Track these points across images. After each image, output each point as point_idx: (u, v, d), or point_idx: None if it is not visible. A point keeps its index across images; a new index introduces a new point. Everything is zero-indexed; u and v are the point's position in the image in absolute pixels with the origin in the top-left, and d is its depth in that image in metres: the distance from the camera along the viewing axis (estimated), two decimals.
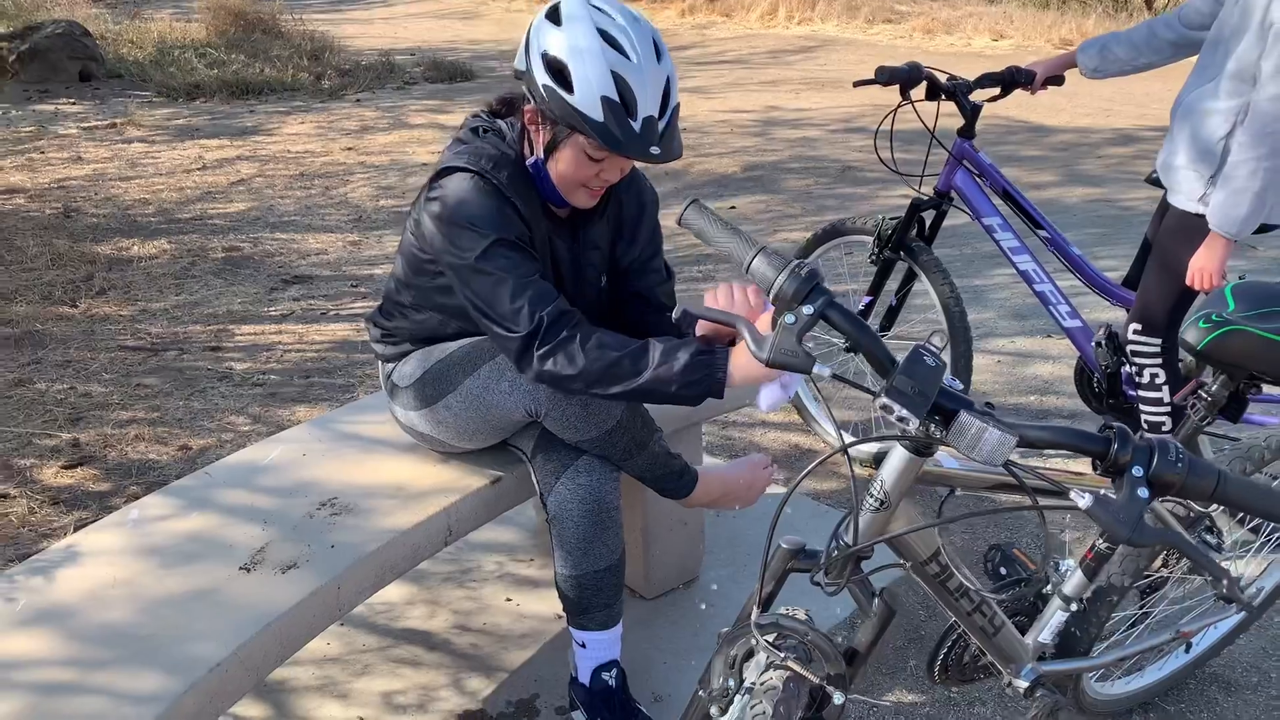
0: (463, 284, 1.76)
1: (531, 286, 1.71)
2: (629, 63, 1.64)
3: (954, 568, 1.39)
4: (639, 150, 1.67)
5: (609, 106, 1.64)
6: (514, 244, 1.74)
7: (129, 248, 5.10)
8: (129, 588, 1.67)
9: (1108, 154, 6.72)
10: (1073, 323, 2.63)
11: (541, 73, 1.68)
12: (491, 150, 1.78)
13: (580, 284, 1.94)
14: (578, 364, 1.67)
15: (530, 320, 1.69)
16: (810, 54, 10.92)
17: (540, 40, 1.68)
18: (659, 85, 1.67)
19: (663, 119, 1.69)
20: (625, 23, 1.67)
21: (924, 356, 1.09)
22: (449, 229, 1.74)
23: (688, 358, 1.63)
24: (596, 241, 1.94)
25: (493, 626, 2.33)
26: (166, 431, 3.37)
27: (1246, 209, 2.16)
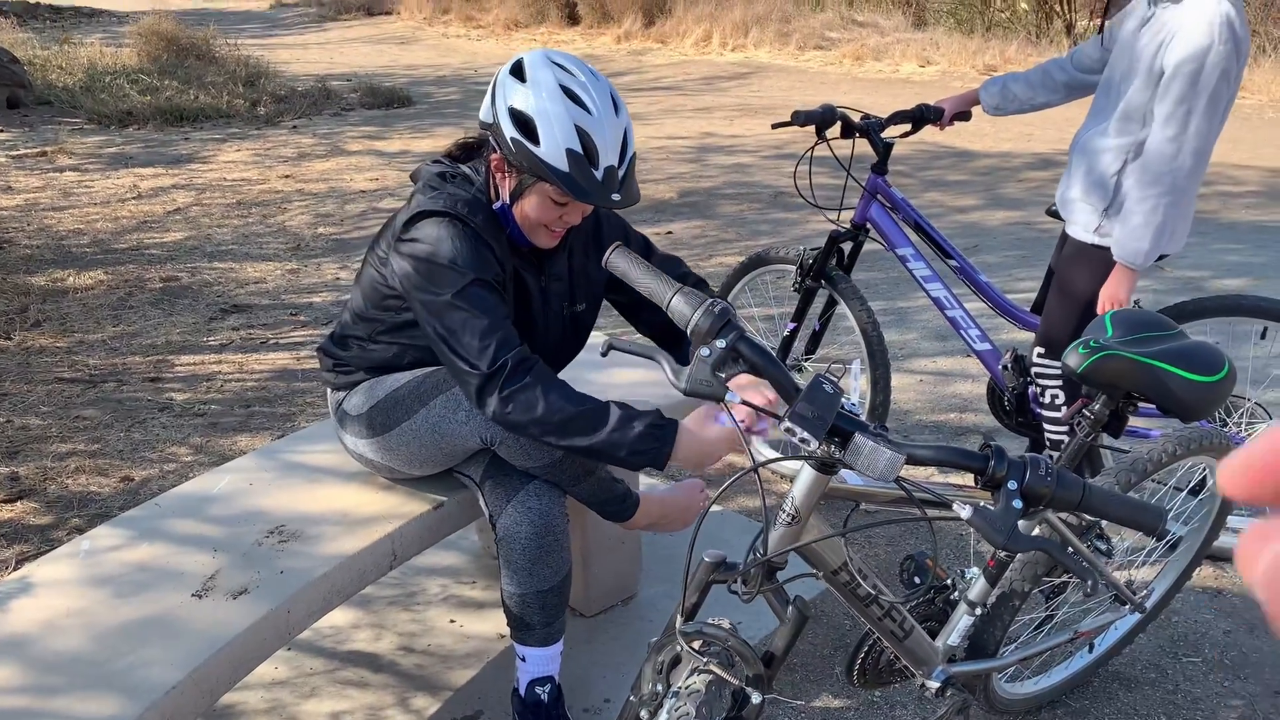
0: (433, 317, 1.84)
1: (502, 328, 1.82)
2: (590, 116, 1.78)
3: (861, 577, 1.51)
4: (601, 198, 1.81)
5: (573, 158, 1.77)
6: (490, 285, 1.85)
7: (64, 279, 5.08)
8: (83, 617, 1.73)
9: (1028, 178, 7.00)
10: (983, 346, 2.79)
11: (509, 126, 1.80)
12: (464, 195, 1.90)
13: (548, 314, 2.06)
14: (536, 412, 1.78)
15: (495, 359, 1.79)
16: (744, 80, 11.16)
17: (506, 96, 1.81)
18: (618, 136, 1.81)
19: (622, 166, 1.82)
20: (585, 79, 1.81)
21: (823, 384, 1.22)
22: (429, 268, 1.84)
23: (642, 428, 1.77)
24: (560, 273, 2.06)
25: (437, 647, 2.41)
26: (107, 463, 3.39)
27: (1148, 243, 2.34)
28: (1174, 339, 1.75)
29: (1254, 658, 2.37)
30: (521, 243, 1.96)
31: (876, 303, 4.69)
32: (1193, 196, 2.40)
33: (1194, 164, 2.30)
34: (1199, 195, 2.47)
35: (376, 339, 2.04)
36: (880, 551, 2.80)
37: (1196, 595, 2.59)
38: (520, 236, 1.94)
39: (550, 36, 15.22)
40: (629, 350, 1.28)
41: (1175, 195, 2.31)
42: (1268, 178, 6.82)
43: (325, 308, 4.75)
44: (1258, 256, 5.20)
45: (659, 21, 14.09)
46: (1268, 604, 0.38)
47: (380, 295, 1.98)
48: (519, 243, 1.96)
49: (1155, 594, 2.22)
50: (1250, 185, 6.66)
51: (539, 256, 2.01)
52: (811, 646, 2.44)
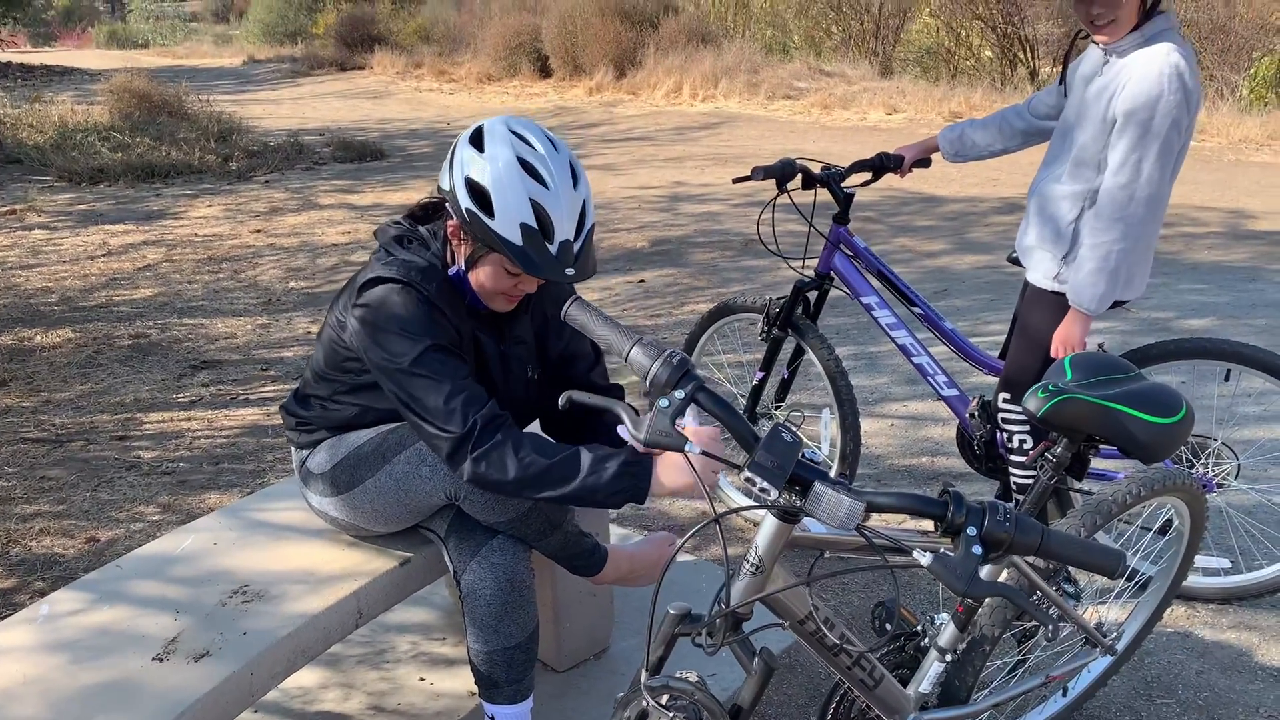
0: (395, 386, 1.83)
1: (466, 389, 1.81)
2: (546, 191, 1.77)
3: (828, 626, 1.51)
4: (555, 273, 1.80)
5: (527, 233, 1.77)
6: (445, 349, 1.84)
7: (31, 337, 5.04)
8: (41, 684, 1.69)
9: (995, 222, 7.10)
10: (950, 391, 2.81)
11: (465, 196, 1.80)
12: (419, 262, 1.89)
13: (509, 378, 2.04)
14: (509, 470, 1.77)
15: (464, 422, 1.77)
16: (714, 130, 11.31)
17: (464, 165, 1.81)
18: (575, 210, 1.81)
19: (578, 240, 1.82)
20: (544, 151, 1.80)
21: (782, 433, 1.22)
22: (381, 335, 1.83)
23: (616, 468, 1.76)
24: (522, 336, 2.05)
25: (407, 706, 2.37)
26: (73, 524, 3.34)
27: (1103, 288, 2.37)
28: (1132, 381, 1.77)
29: (1227, 698, 2.37)
30: (480, 306, 1.96)
31: (847, 348, 4.72)
32: (1149, 244, 2.44)
33: (1147, 211, 2.33)
34: (1162, 236, 2.51)
35: (337, 398, 2.04)
36: (854, 598, 2.79)
37: (1169, 636, 2.59)
38: (479, 301, 1.94)
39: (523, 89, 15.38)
40: (588, 403, 1.28)
41: (1129, 242, 2.34)
42: (1228, 219, 6.95)
43: (296, 362, 4.73)
44: (1221, 296, 5.28)
45: (630, 73, 14.28)
46: None
47: (339, 356, 1.98)
48: (477, 306, 1.96)
49: (1126, 635, 2.22)
50: (1212, 226, 6.78)
51: (499, 320, 2.01)
52: (786, 697, 2.42)
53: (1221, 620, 2.65)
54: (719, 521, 1.22)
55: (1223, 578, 2.72)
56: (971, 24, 14.63)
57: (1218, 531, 2.98)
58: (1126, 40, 2.32)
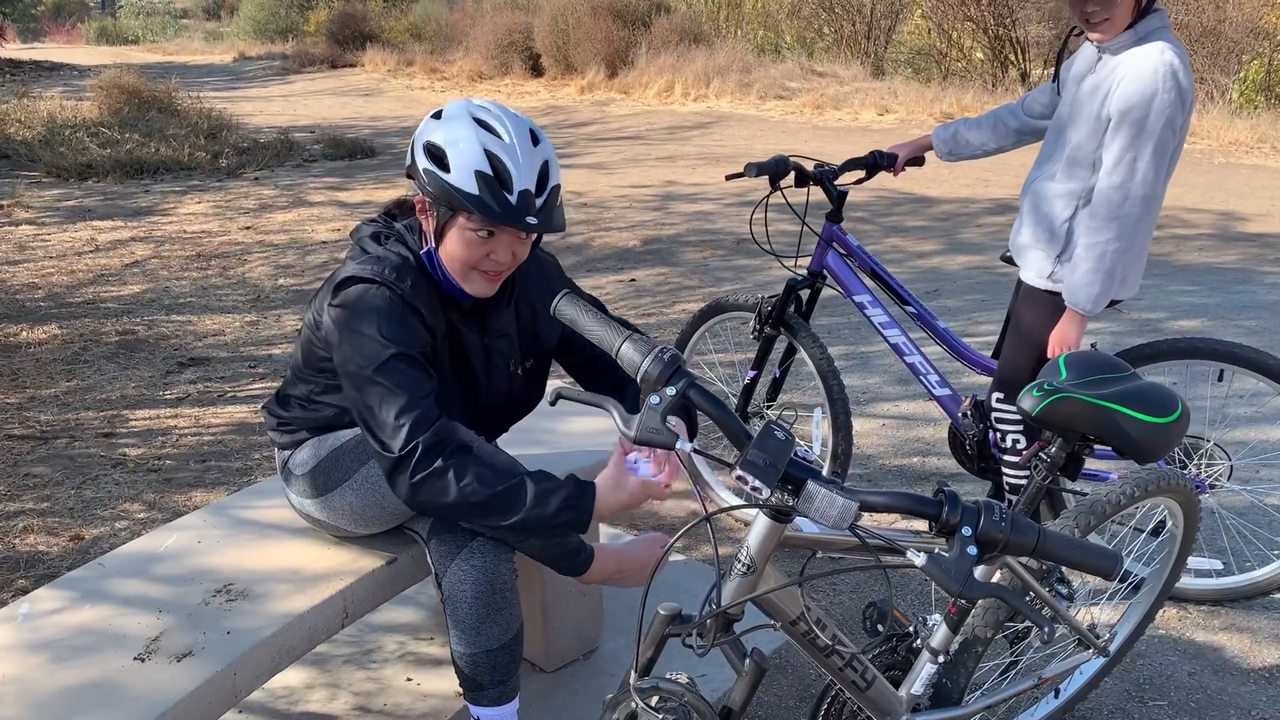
0: (355, 389, 1.81)
1: (419, 407, 1.77)
2: (501, 141, 1.78)
3: (820, 627, 1.49)
4: (515, 219, 1.77)
5: (483, 180, 1.76)
6: (413, 359, 1.80)
7: (16, 334, 5.00)
8: (20, 684, 1.66)
9: (986, 222, 7.10)
10: (942, 391, 2.80)
11: (423, 159, 1.80)
12: (394, 259, 1.86)
13: (491, 372, 2.01)
14: (448, 497, 1.74)
15: (406, 442, 1.74)
16: (706, 130, 11.29)
17: (424, 133, 1.83)
18: (534, 164, 1.80)
19: (541, 195, 1.80)
20: (500, 113, 1.83)
21: (775, 431, 1.20)
22: (352, 337, 1.80)
23: (559, 503, 1.74)
24: (504, 329, 2.01)
25: (394, 707, 2.34)
26: (57, 521, 3.30)
27: (1098, 289, 2.35)
28: (1127, 380, 1.75)
29: (1220, 699, 2.36)
30: (459, 296, 1.92)
31: (838, 347, 4.70)
32: (1144, 243, 2.42)
33: (1142, 211, 2.32)
34: (1154, 239, 2.50)
35: (315, 398, 2.01)
36: (845, 599, 2.77)
37: (1161, 637, 2.58)
38: (456, 290, 1.90)
39: (514, 88, 15.34)
40: (578, 399, 1.26)
41: (1124, 241, 2.33)
42: (1219, 221, 6.96)
43: (284, 359, 4.69)
44: (1212, 298, 5.28)
45: (622, 72, 14.26)
46: None
47: (316, 356, 1.95)
48: (458, 297, 1.92)
49: (1119, 637, 2.21)
50: (1203, 229, 6.79)
51: (481, 312, 1.97)
52: (776, 698, 2.40)
53: (1214, 622, 2.64)
54: (710, 521, 1.20)
55: (1215, 579, 2.71)
56: (963, 26, 14.65)
57: (1210, 533, 2.97)
58: (1120, 39, 2.31)
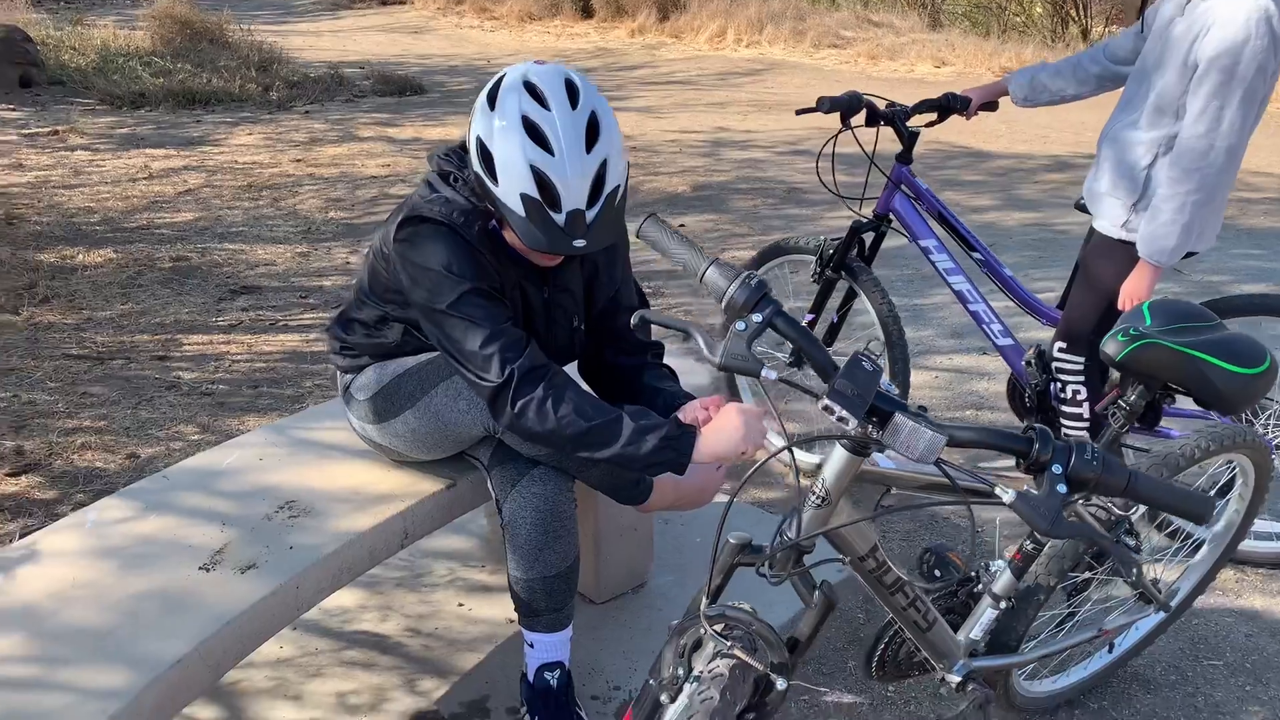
0: (434, 326, 1.79)
1: (504, 335, 1.75)
2: (551, 158, 1.65)
3: (890, 564, 1.48)
4: (561, 245, 1.70)
5: (529, 203, 1.66)
6: (486, 292, 1.78)
7: (73, 256, 5.05)
8: (89, 588, 1.70)
9: (1044, 180, 6.94)
10: (1005, 341, 2.75)
11: (475, 157, 1.72)
12: (462, 203, 1.81)
13: (552, 329, 1.98)
14: (548, 425, 1.72)
15: (501, 371, 1.72)
16: (757, 77, 11.11)
17: (475, 121, 1.72)
18: (586, 176, 1.67)
19: (593, 209, 1.69)
20: (556, 109, 1.66)
21: (862, 362, 1.18)
22: (422, 274, 1.78)
23: (657, 441, 1.70)
24: (567, 284, 1.97)
25: (444, 630, 2.37)
26: (113, 440, 3.36)
27: (1175, 240, 2.28)
28: (1214, 330, 1.71)
29: (1277, 662, 2.33)
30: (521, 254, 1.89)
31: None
32: (1224, 195, 2.35)
33: (1226, 161, 2.25)
34: None
35: (380, 326, 2.00)
36: (894, 546, 2.76)
37: (1217, 598, 2.55)
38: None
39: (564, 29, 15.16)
40: (660, 322, 1.24)
41: (1205, 193, 2.26)
42: None
43: (335, 291, 4.71)
44: (1276, 262, 5.14)
45: (673, 16, 14.02)
46: None
47: (381, 285, 1.94)
48: (519, 256, 1.88)
49: (1179, 594, 2.18)
50: (1269, 192, 6.60)
51: (545, 268, 1.93)
52: (825, 639, 2.40)
53: (1272, 585, 2.60)
54: (791, 450, 1.18)
55: (1276, 543, 2.67)
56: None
57: (1273, 496, 2.92)
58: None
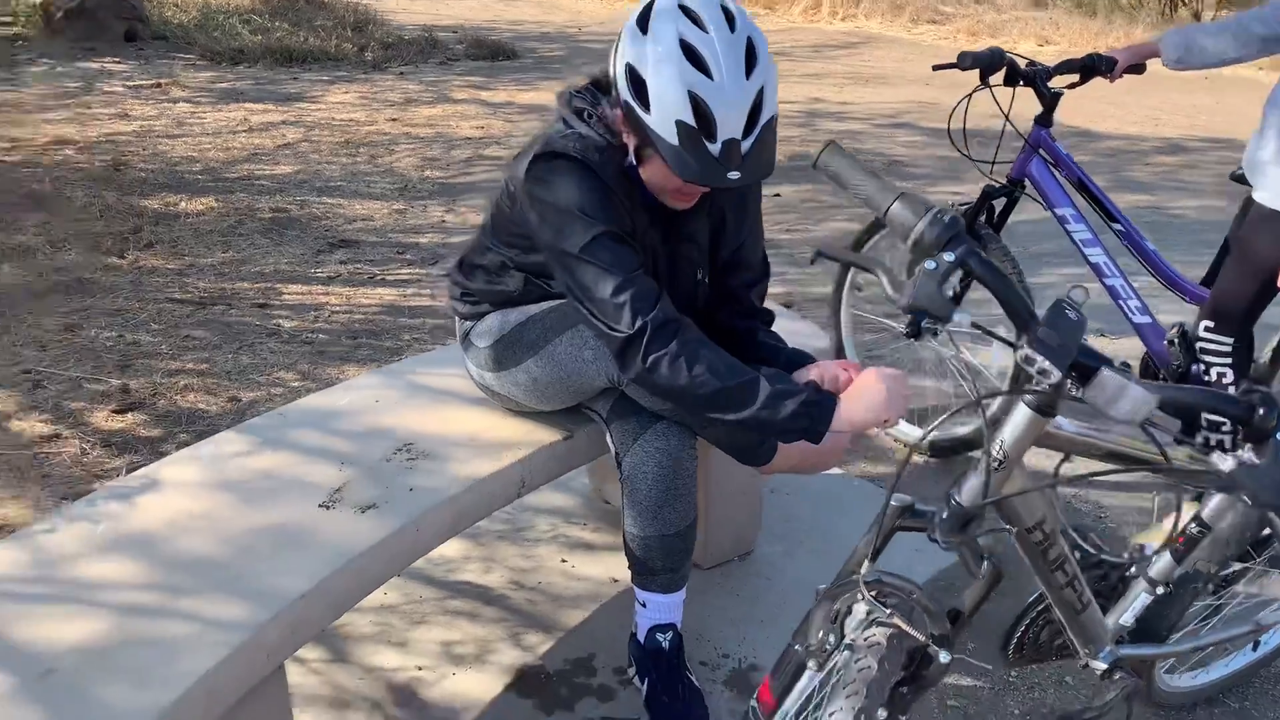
0: (564, 270, 1.72)
1: (636, 283, 1.67)
2: (709, 82, 1.55)
3: (1056, 538, 1.37)
4: (715, 177, 1.61)
5: (684, 131, 1.57)
6: (620, 237, 1.70)
7: (176, 203, 5.11)
8: (209, 519, 1.67)
9: (1156, 162, 6.66)
10: (1142, 319, 2.60)
11: (623, 84, 1.62)
12: (597, 140, 1.73)
13: (676, 280, 1.90)
14: (680, 381, 1.64)
15: (633, 322, 1.64)
16: (853, 50, 10.87)
17: (626, 48, 1.62)
18: (744, 103, 1.58)
19: (748, 138, 1.60)
20: (714, 31, 1.57)
21: (1067, 309, 1.08)
22: (554, 214, 1.70)
23: (795, 406, 1.61)
24: (694, 235, 1.88)
25: (548, 586, 2.32)
26: (215, 383, 3.37)
27: None
28: None
29: None
30: (653, 200, 1.80)
31: None
32: None
33: None
34: None
35: (502, 272, 1.93)
36: None
37: None
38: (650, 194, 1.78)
39: None
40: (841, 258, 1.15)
41: None
42: None
43: (431, 248, 4.70)
44: None
45: None
46: None
47: (507, 229, 1.87)
48: (650, 200, 1.80)
49: None
50: None
51: (673, 215, 1.84)
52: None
53: None
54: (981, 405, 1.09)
55: None
56: None
57: None
58: None
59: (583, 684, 2.04)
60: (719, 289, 1.99)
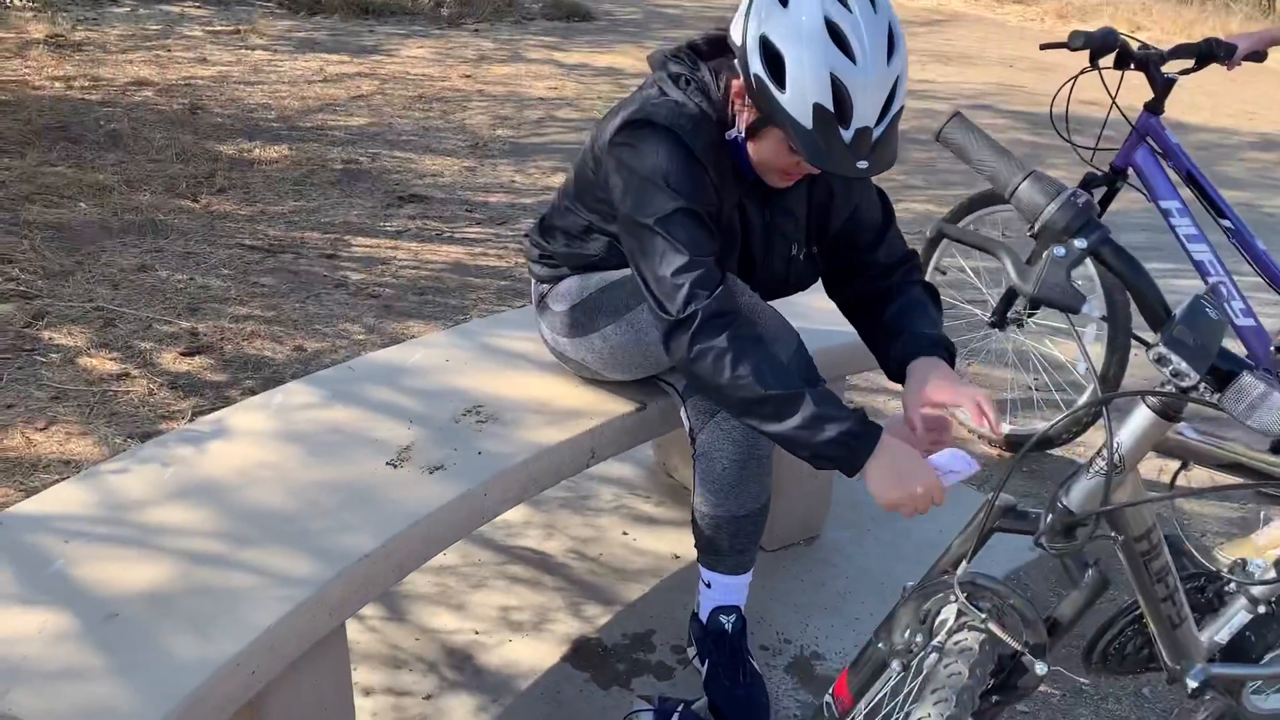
0: (632, 237, 1.65)
1: (701, 267, 1.59)
2: (853, 66, 1.47)
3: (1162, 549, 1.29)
4: (844, 165, 1.53)
5: (820, 115, 1.49)
6: (699, 217, 1.63)
7: (251, 150, 5.13)
8: (276, 470, 1.65)
9: (1250, 158, 6.41)
10: (1246, 321, 2.47)
11: (756, 58, 1.53)
12: (692, 109, 1.66)
13: (770, 254, 1.82)
14: (721, 379, 1.56)
15: (685, 306, 1.57)
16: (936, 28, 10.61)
17: (761, 19, 1.52)
18: (883, 91, 1.50)
19: (879, 127, 1.52)
20: (860, 13, 1.49)
21: (1206, 308, 0.99)
22: (639, 182, 1.63)
23: (836, 433, 1.51)
24: (791, 207, 1.80)
25: (609, 558, 2.28)
26: (282, 330, 3.38)
27: None
28: None
29: None
30: (748, 170, 1.72)
31: None
32: None
33: None
34: None
35: (584, 236, 1.87)
36: None
37: None
38: (747, 163, 1.70)
39: None
40: (964, 239, 1.07)
41: None
42: None
43: (500, 208, 4.66)
44: None
45: None
46: None
47: (590, 193, 1.80)
48: (746, 170, 1.72)
49: None
50: None
51: (768, 187, 1.75)
52: None
53: None
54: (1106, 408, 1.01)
55: None
56: None
57: None
58: None
59: (641, 660, 2.00)
60: (843, 262, 1.90)
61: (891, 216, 1.90)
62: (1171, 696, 2.02)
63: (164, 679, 1.23)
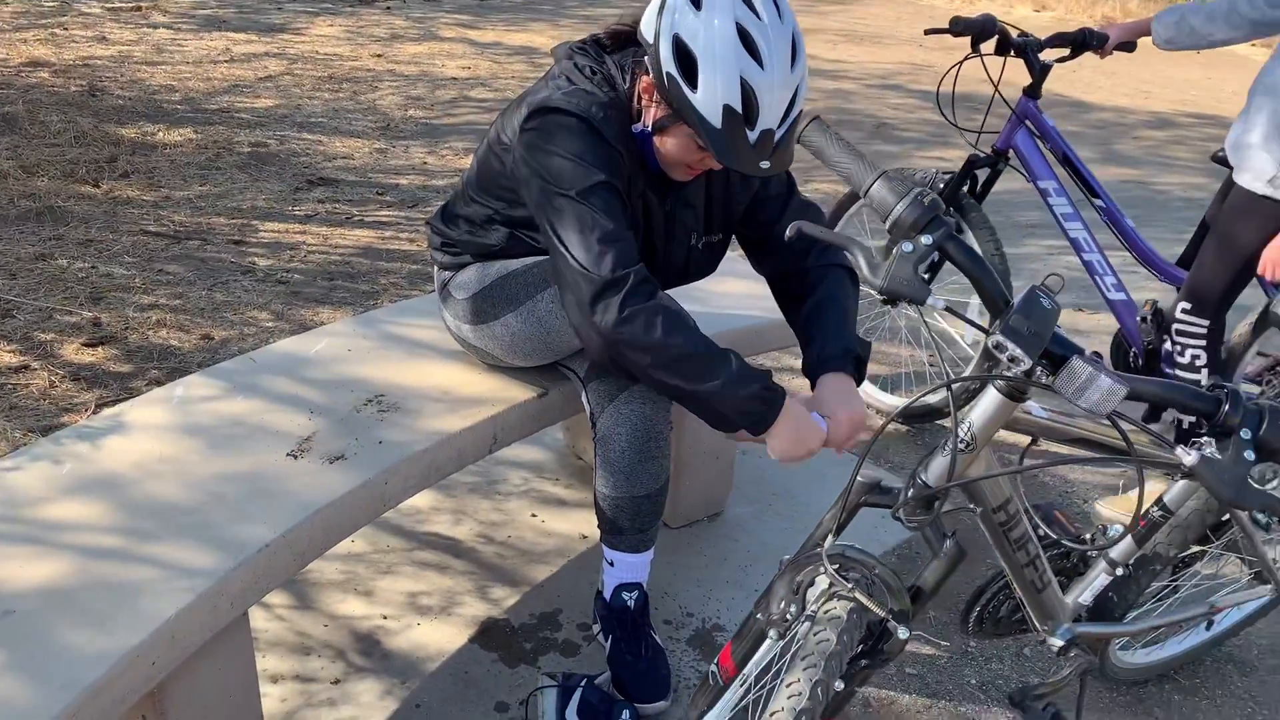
0: (552, 211, 1.67)
1: (624, 240, 1.64)
2: (761, 71, 1.54)
3: (1019, 519, 1.39)
4: (747, 164, 1.60)
5: (729, 115, 1.56)
6: (618, 192, 1.68)
7: (154, 133, 5.02)
8: (176, 464, 1.66)
9: (1144, 136, 6.66)
10: (1117, 295, 2.61)
11: (668, 57, 1.58)
12: (602, 98, 1.70)
13: (671, 243, 1.88)
14: (653, 337, 1.60)
15: (613, 269, 1.61)
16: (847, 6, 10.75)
17: (674, 20, 1.57)
18: (786, 95, 1.57)
19: (780, 129, 1.60)
20: (769, 20, 1.56)
21: (1041, 298, 1.08)
22: (556, 162, 1.66)
23: (755, 390, 1.60)
24: (691, 199, 1.86)
25: (517, 540, 2.33)
26: (188, 319, 3.34)
27: None
28: None
29: None
30: (653, 165, 1.78)
31: None
32: None
33: None
34: None
35: (485, 226, 1.91)
36: None
37: None
38: (650, 156, 1.76)
39: None
40: (819, 236, 1.14)
41: None
42: None
43: (412, 190, 4.64)
44: None
45: None
46: None
47: (494, 181, 1.84)
48: (650, 164, 1.77)
49: None
50: None
51: (669, 178, 1.81)
52: None
53: None
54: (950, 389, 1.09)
55: None
56: None
57: None
58: None
59: (547, 639, 2.06)
60: (756, 237, 1.96)
61: (794, 188, 1.96)
62: (1049, 656, 2.15)
63: (62, 672, 1.25)
